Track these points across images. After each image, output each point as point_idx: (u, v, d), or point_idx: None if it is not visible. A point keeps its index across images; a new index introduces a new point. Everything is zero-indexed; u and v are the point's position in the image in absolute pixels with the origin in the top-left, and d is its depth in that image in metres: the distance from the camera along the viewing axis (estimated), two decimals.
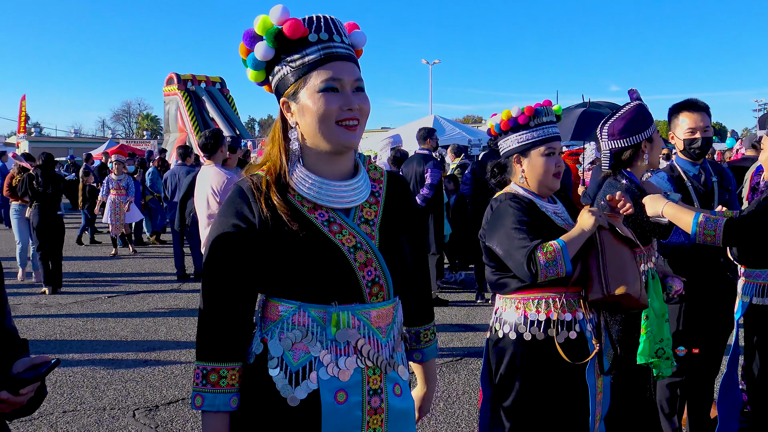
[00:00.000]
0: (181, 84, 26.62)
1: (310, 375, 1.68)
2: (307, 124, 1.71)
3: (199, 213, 5.74)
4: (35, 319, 7.42)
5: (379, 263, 1.73)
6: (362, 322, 1.71)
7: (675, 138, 3.62)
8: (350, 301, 1.70)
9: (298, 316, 1.70)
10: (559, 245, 2.41)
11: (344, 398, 1.68)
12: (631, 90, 3.34)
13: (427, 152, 8.22)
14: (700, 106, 3.58)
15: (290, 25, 1.67)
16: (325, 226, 1.71)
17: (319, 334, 1.69)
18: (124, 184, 12.13)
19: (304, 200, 1.73)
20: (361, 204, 1.79)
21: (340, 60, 1.69)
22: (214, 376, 1.68)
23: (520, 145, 2.68)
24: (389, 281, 1.75)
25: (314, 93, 1.67)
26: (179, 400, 4.99)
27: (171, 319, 7.48)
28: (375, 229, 1.77)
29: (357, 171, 1.82)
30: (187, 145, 11.91)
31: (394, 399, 1.76)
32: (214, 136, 5.89)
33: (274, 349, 1.70)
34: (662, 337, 3.10)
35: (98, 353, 6.20)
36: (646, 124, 3.27)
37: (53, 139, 53.87)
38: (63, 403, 4.91)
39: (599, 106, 9.53)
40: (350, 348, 1.70)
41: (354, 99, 1.69)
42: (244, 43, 1.74)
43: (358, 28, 1.81)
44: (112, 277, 10.12)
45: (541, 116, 2.66)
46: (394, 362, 1.78)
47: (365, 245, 1.72)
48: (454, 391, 5.11)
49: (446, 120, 21.94)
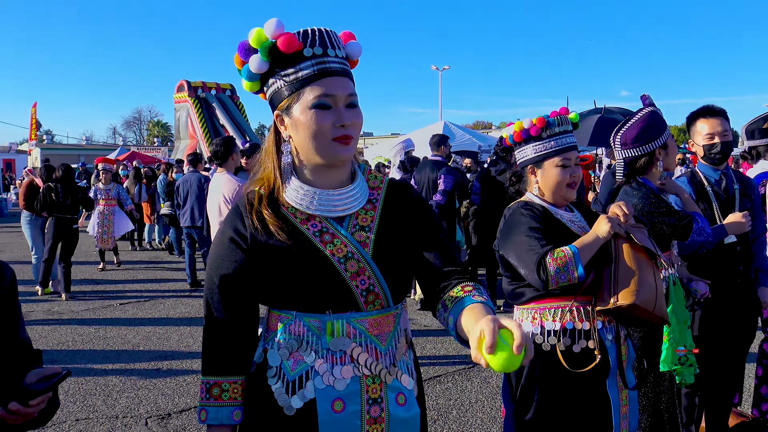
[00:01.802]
0: (192, 91, 26.76)
1: (307, 384, 1.68)
2: (300, 138, 1.71)
3: (211, 220, 5.76)
4: (47, 327, 7.44)
5: (373, 272, 1.72)
6: (358, 330, 1.71)
7: (695, 145, 3.60)
8: (345, 309, 1.70)
9: (294, 326, 1.72)
10: (571, 251, 2.37)
11: (341, 407, 1.68)
12: (643, 96, 3.32)
13: (440, 159, 8.21)
14: (717, 111, 3.57)
15: (284, 39, 1.66)
16: (316, 236, 1.71)
17: (314, 343, 1.70)
18: (113, 194, 11.38)
19: (297, 212, 1.74)
20: (357, 211, 1.78)
21: (333, 75, 1.68)
22: (216, 389, 1.73)
23: (534, 156, 2.66)
24: (385, 289, 1.73)
25: (307, 109, 1.67)
26: (191, 408, 4.98)
27: (183, 327, 7.48)
28: (371, 235, 1.76)
29: (353, 180, 1.81)
30: (197, 152, 11.94)
31: (396, 408, 1.73)
32: (225, 143, 5.90)
33: (273, 359, 1.73)
34: (685, 343, 3.07)
35: (110, 361, 6.20)
36: (659, 131, 3.24)
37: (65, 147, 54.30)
38: (76, 412, 4.91)
39: (612, 112, 9.46)
40: (346, 357, 1.70)
41: (346, 115, 1.68)
42: (238, 54, 1.75)
43: (354, 38, 1.80)
44: (124, 284, 10.14)
45: (554, 127, 2.63)
46: (397, 370, 1.75)
47: (357, 254, 1.71)
48: (467, 399, 5.08)
49: (456, 126, 21.99)
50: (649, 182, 3.30)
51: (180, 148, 27.41)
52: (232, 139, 6.16)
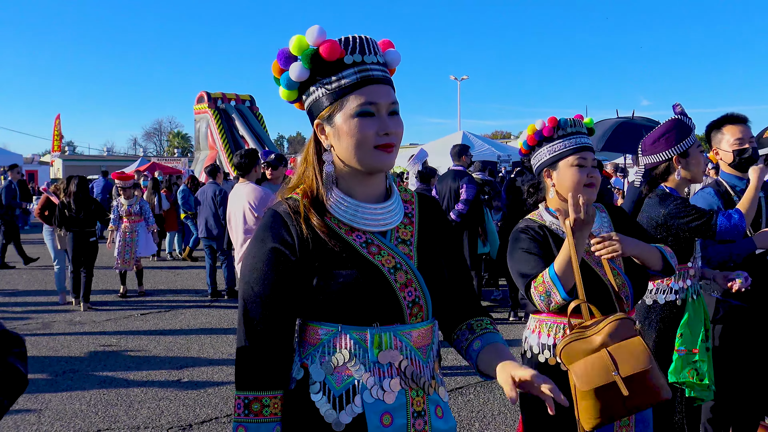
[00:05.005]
0: (212, 102, 26.98)
1: (354, 398, 1.64)
2: (343, 148, 1.68)
3: (234, 228, 5.76)
4: (69, 337, 7.47)
5: (419, 283, 1.70)
6: (404, 343, 1.68)
7: (720, 152, 3.53)
8: (391, 322, 1.67)
9: (339, 339, 1.67)
10: (549, 276, 2.30)
11: (390, 421, 1.65)
12: (675, 104, 3.28)
13: (461, 168, 8.20)
14: (742, 118, 3.53)
15: (327, 47, 1.63)
16: (363, 247, 1.69)
17: (361, 357, 1.66)
18: (136, 210, 10.00)
19: (341, 223, 1.71)
20: (396, 225, 1.77)
21: (376, 83, 1.66)
22: (256, 405, 1.64)
23: (549, 158, 2.58)
24: (428, 301, 1.72)
25: (350, 117, 1.64)
26: (212, 419, 4.97)
27: (203, 337, 7.49)
28: (413, 249, 1.75)
29: (390, 193, 1.79)
30: (216, 163, 11.98)
31: (437, 421, 1.73)
32: (249, 155, 5.92)
33: (316, 374, 1.68)
34: (696, 357, 3.03)
35: (132, 371, 6.22)
36: (679, 138, 3.20)
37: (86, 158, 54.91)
38: (97, 422, 4.91)
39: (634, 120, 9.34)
40: (393, 369, 1.67)
41: (390, 123, 1.66)
42: (278, 62, 1.71)
43: (392, 46, 1.78)
44: (144, 294, 10.17)
45: (566, 127, 2.56)
46: (435, 383, 1.75)
47: (405, 265, 1.70)
48: (489, 411, 5.02)
49: (475, 136, 21.95)
50: (674, 191, 3.25)
51: (200, 159, 27.63)
52: (256, 152, 6.19)
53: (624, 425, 2.46)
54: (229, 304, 9.24)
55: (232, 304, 9.19)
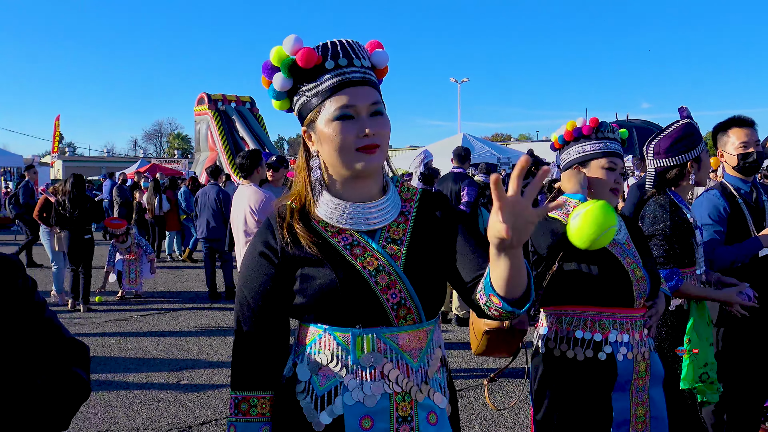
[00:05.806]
0: (212, 104, 26.97)
1: (336, 400, 1.65)
2: (326, 152, 1.69)
3: (235, 231, 5.76)
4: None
5: (404, 285, 1.67)
6: (389, 346, 1.66)
7: (725, 155, 3.52)
8: (375, 324, 1.66)
9: (324, 340, 1.69)
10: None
11: (370, 424, 1.64)
12: (681, 108, 3.26)
13: (462, 171, 8.20)
14: (748, 121, 3.52)
15: (302, 54, 1.65)
16: (347, 249, 1.68)
17: (344, 358, 1.66)
18: (135, 248, 9.84)
19: (328, 225, 1.72)
20: (389, 224, 1.75)
21: (354, 85, 1.65)
22: (244, 405, 1.71)
23: (582, 155, 2.63)
24: (417, 304, 1.68)
25: (330, 121, 1.65)
26: (212, 420, 4.96)
27: (203, 338, 7.48)
28: (403, 248, 1.71)
29: (385, 192, 1.78)
30: (217, 164, 11.96)
31: (427, 427, 1.68)
32: (251, 156, 5.92)
33: (302, 373, 1.70)
34: (707, 361, 3.01)
35: (131, 372, 6.21)
36: (693, 144, 3.18)
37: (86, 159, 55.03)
38: (97, 423, 4.91)
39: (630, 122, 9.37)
40: (376, 372, 1.65)
41: (369, 124, 1.65)
42: (264, 75, 1.74)
43: (381, 47, 1.78)
44: (144, 295, 10.17)
45: (605, 131, 2.63)
46: (429, 388, 1.70)
47: (388, 267, 1.67)
48: (489, 413, 5.01)
49: (475, 138, 21.97)
50: (677, 196, 3.24)
51: (200, 160, 27.62)
52: (259, 152, 6.19)
53: (639, 421, 2.48)
54: (229, 306, 9.23)
55: (231, 306, 9.12)
